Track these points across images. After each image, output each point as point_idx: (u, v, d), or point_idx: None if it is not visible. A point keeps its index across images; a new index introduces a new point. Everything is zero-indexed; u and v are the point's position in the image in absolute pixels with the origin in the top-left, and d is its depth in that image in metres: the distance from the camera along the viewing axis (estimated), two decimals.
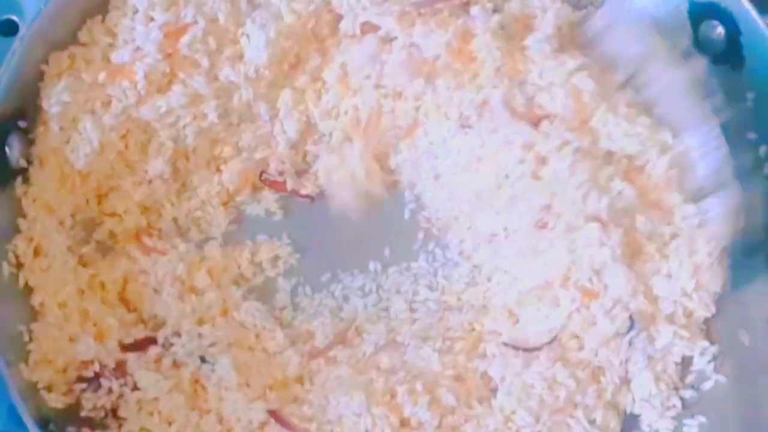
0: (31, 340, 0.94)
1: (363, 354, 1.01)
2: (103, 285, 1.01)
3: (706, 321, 1.00)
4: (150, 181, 1.04)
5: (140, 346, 0.97)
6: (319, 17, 1.04)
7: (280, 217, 1.08)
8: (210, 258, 1.04)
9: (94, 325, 0.97)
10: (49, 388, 0.93)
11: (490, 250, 1.05)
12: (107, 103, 1.01)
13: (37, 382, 0.92)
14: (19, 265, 0.97)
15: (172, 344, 0.98)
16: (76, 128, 1.00)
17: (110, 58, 1.01)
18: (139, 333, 0.98)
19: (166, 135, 1.03)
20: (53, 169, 0.99)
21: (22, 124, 0.98)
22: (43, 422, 0.89)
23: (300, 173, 1.09)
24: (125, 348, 0.96)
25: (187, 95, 1.02)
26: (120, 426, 0.95)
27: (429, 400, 0.96)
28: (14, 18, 1.04)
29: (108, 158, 1.02)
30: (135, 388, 0.95)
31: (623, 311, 0.97)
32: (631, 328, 0.97)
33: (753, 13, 0.98)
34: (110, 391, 0.94)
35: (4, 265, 0.96)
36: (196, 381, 0.97)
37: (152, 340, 0.97)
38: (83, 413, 0.93)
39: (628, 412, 0.99)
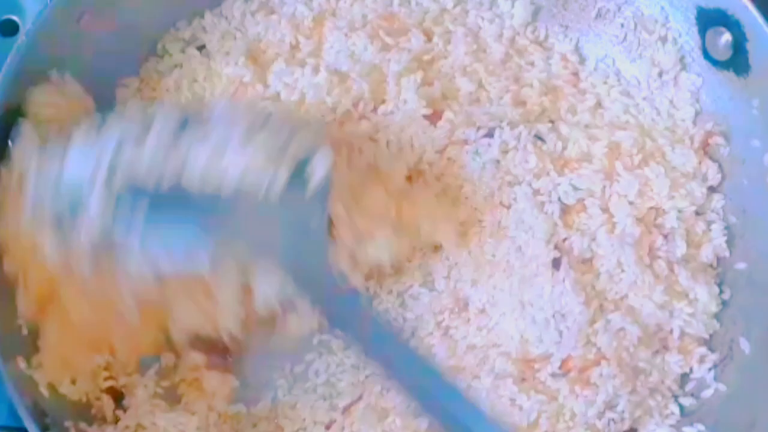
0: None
1: None
2: None
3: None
4: None
5: None
6: None
7: None
8: None
9: None
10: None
11: None
12: None
13: (36, 378, 0.93)
14: None
15: None
16: None
17: None
18: None
19: None
20: None
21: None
22: (39, 416, 0.89)
23: None
24: None
25: None
26: (117, 421, 0.95)
27: None
28: (14, 18, 1.04)
29: None
30: None
31: None
32: None
33: (760, 20, 0.97)
34: None
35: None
36: None
37: None
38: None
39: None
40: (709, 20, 1.02)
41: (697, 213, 1.03)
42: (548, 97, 1.07)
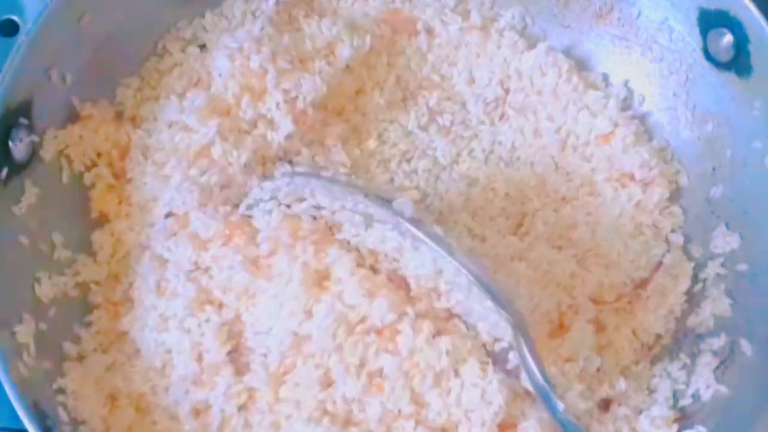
0: None
1: None
2: None
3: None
4: None
5: None
6: None
7: None
8: None
9: None
10: None
11: None
12: None
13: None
14: None
15: None
16: None
17: None
18: None
19: None
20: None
21: (24, 121, 0.98)
22: (40, 418, 0.89)
23: None
24: None
25: None
26: None
27: None
28: (14, 18, 1.04)
29: None
30: None
31: None
32: None
33: (762, 21, 0.98)
34: None
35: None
36: None
37: None
38: None
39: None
40: (710, 21, 1.02)
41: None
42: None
